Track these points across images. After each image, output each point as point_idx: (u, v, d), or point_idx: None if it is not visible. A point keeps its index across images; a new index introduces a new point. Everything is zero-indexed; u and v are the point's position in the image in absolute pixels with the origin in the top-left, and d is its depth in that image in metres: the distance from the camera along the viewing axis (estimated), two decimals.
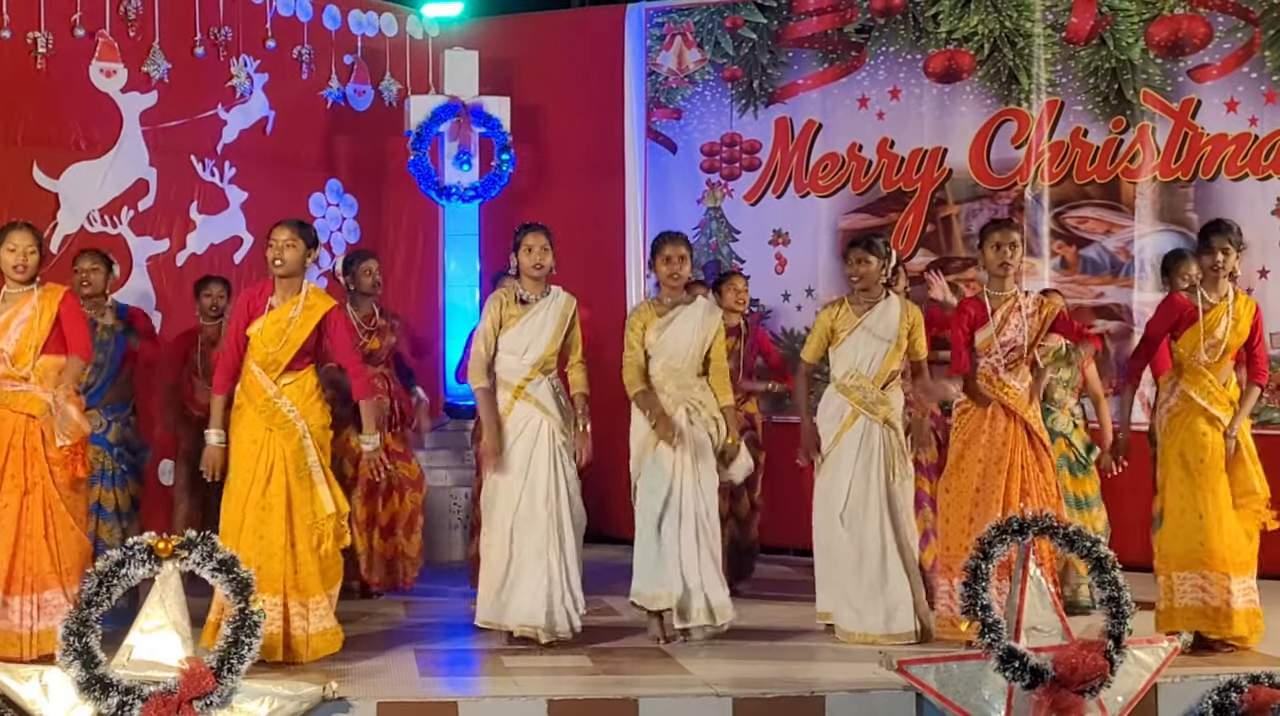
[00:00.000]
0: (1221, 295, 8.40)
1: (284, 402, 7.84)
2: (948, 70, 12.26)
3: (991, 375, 8.31)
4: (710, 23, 13.09)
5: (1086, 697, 6.77)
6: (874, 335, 8.67)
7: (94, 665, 6.32)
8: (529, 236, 8.50)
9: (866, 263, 8.71)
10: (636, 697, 7.08)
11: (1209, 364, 8.34)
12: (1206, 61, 11.48)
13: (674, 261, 8.67)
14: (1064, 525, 7.07)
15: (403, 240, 13.45)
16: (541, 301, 8.49)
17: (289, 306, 7.91)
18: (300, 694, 6.63)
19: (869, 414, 8.61)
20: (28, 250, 7.89)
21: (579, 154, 13.53)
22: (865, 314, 8.72)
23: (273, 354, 7.84)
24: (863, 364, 8.66)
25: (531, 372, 8.41)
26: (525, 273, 8.51)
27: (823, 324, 8.84)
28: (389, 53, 13.21)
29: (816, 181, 12.70)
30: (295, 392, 7.89)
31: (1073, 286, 11.76)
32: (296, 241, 7.91)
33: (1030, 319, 8.33)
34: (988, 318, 8.32)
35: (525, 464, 8.36)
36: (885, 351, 8.64)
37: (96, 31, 11.16)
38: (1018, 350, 8.31)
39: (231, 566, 6.53)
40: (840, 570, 8.66)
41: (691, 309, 8.68)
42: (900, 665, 6.87)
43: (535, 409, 8.39)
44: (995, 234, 8.35)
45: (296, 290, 7.97)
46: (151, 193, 11.51)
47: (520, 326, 8.42)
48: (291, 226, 7.99)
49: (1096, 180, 11.79)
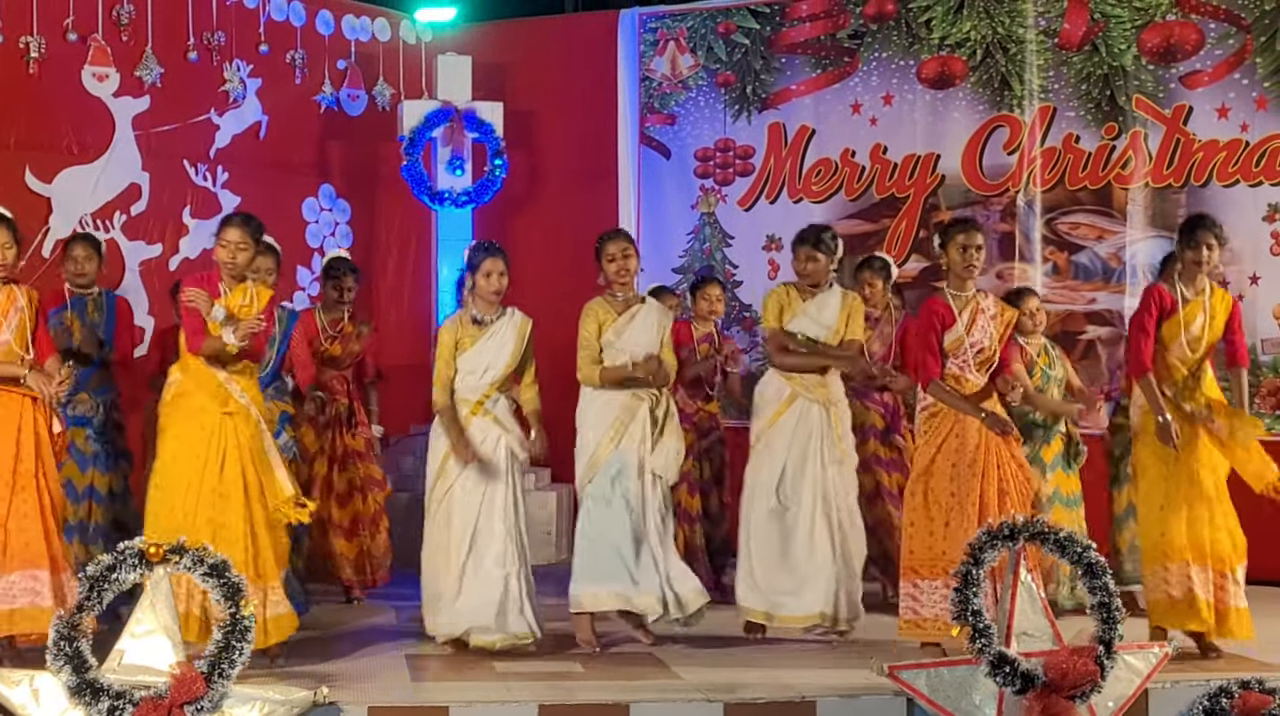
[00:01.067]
0: (1199, 290, 8.35)
1: (234, 388, 7.85)
2: (940, 76, 12.28)
3: (960, 375, 8.27)
4: (703, 28, 13.11)
5: (1077, 703, 6.76)
6: (815, 322, 8.73)
7: (85, 669, 6.30)
8: (488, 261, 8.46)
9: (815, 259, 8.77)
10: (628, 703, 7.08)
11: (1184, 359, 8.30)
12: (1198, 68, 11.50)
13: (619, 258, 8.67)
14: (1055, 530, 7.05)
15: (395, 245, 13.46)
16: (499, 322, 8.51)
17: (237, 294, 7.91)
18: (291, 699, 6.61)
19: (807, 394, 8.66)
20: (4, 245, 7.87)
21: (572, 159, 13.54)
22: (809, 301, 8.78)
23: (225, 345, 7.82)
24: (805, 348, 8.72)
25: (489, 391, 8.46)
26: (482, 295, 8.49)
27: (774, 301, 8.86)
28: (382, 58, 13.22)
29: (810, 187, 12.71)
30: (243, 380, 7.91)
31: (1065, 292, 11.79)
32: (248, 243, 7.91)
33: (994, 321, 8.30)
34: (955, 318, 8.29)
35: (483, 478, 8.38)
36: (826, 337, 8.72)
37: (89, 36, 11.15)
38: (985, 352, 8.27)
39: (223, 570, 6.52)
40: (764, 550, 8.69)
41: (648, 309, 8.72)
42: (891, 670, 6.85)
43: (493, 424, 8.45)
44: (960, 235, 8.26)
45: (242, 281, 7.99)
46: (144, 197, 11.51)
47: (479, 347, 8.45)
48: (240, 225, 7.94)
49: (1088, 186, 11.81)
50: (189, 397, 7.85)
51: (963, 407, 8.21)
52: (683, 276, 12.99)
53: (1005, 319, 8.37)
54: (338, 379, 10.22)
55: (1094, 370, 11.57)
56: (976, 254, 8.27)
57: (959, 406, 8.22)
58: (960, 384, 8.26)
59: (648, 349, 8.60)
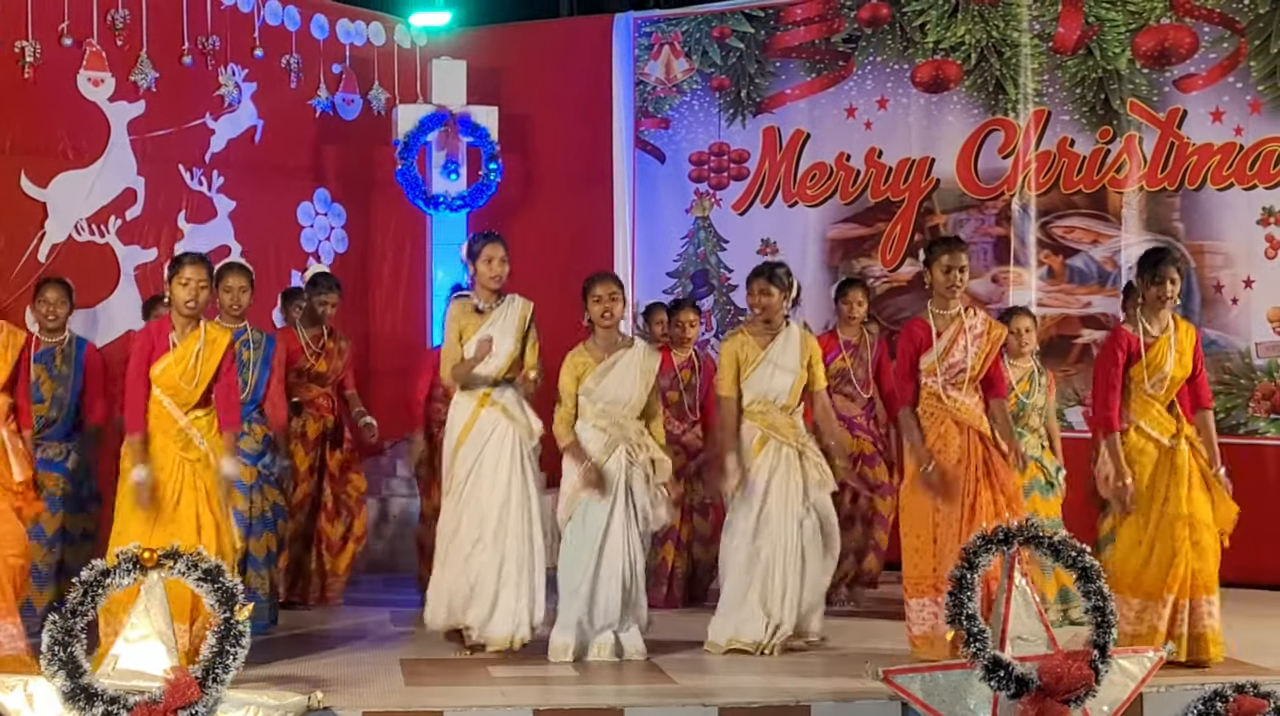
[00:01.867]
0: (1163, 327, 8.22)
1: (194, 434, 7.77)
2: (935, 80, 12.29)
3: (940, 393, 8.22)
4: (698, 32, 13.12)
5: (1071, 707, 6.77)
6: (779, 367, 8.62)
7: (79, 674, 6.30)
8: (489, 247, 8.45)
9: (769, 294, 8.65)
10: (622, 707, 7.08)
11: (1154, 395, 8.20)
12: (1193, 71, 11.51)
13: (605, 300, 8.50)
14: (1050, 535, 7.06)
15: (390, 249, 13.45)
16: (499, 309, 8.48)
17: (192, 341, 7.80)
18: (285, 703, 6.60)
19: (778, 436, 8.58)
20: None
21: (567, 163, 13.54)
22: (769, 346, 8.66)
23: (182, 391, 7.75)
24: (772, 395, 8.62)
25: (496, 380, 8.43)
26: (483, 283, 8.47)
27: (729, 356, 8.68)
28: (377, 62, 13.22)
29: (804, 191, 12.73)
30: (204, 426, 7.81)
31: (1060, 296, 11.80)
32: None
33: (979, 340, 8.25)
34: (933, 341, 8.25)
35: (494, 471, 8.36)
36: (791, 383, 8.61)
37: (84, 40, 11.14)
38: (963, 372, 8.22)
39: (217, 576, 6.52)
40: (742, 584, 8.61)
41: (631, 353, 8.52)
42: (886, 674, 6.86)
43: (501, 415, 8.40)
44: (945, 256, 8.22)
45: (196, 325, 7.86)
46: (139, 202, 11.50)
47: (482, 333, 8.40)
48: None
49: (1083, 190, 11.82)
50: (150, 440, 7.74)
51: (916, 447, 8.21)
52: (677, 280, 13.00)
53: (993, 337, 8.30)
54: (323, 396, 10.24)
55: (1088, 374, 11.53)
56: (960, 275, 8.22)
57: (913, 442, 8.24)
58: (941, 402, 8.22)
59: (626, 399, 8.45)
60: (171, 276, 7.83)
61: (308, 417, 10.13)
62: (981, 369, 8.26)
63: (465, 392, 8.46)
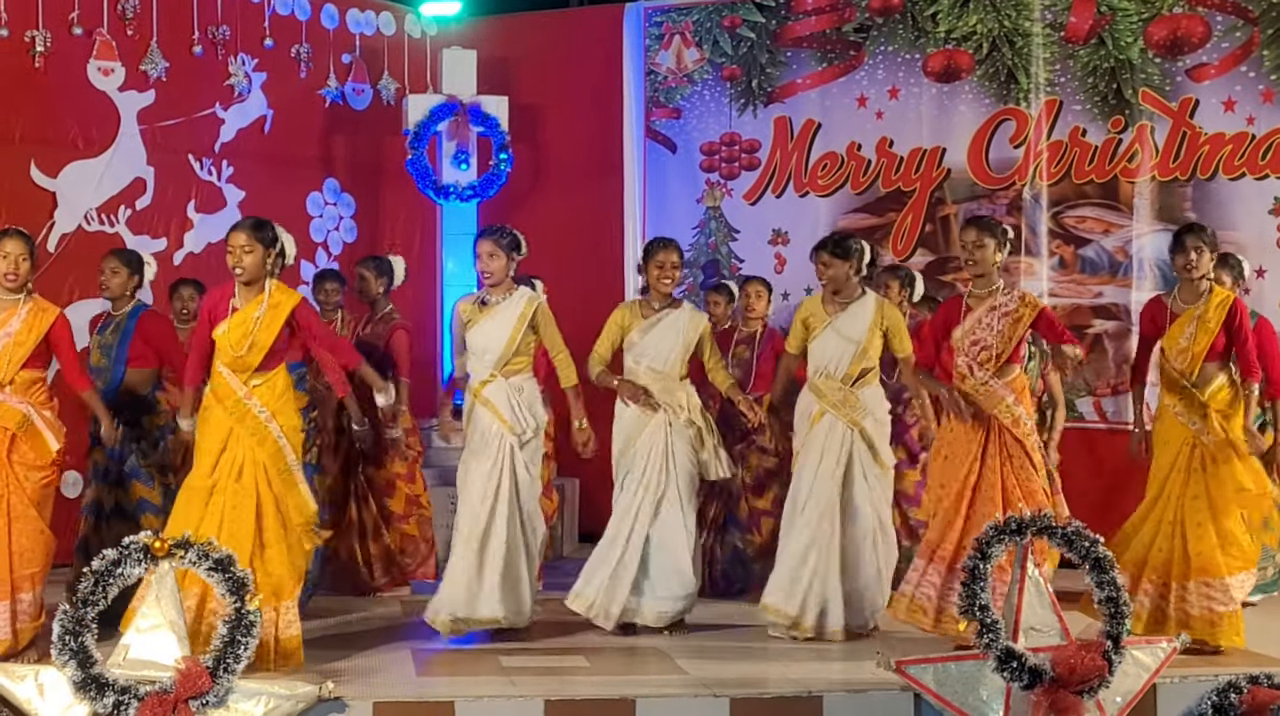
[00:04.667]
0: (1188, 300, 8.30)
1: (254, 404, 7.65)
2: (946, 70, 12.26)
3: (965, 372, 8.24)
4: (709, 22, 13.09)
5: (1085, 698, 6.76)
6: (841, 336, 8.66)
7: (90, 664, 6.31)
8: (478, 243, 8.60)
9: (829, 265, 8.71)
10: (634, 697, 7.06)
11: (1182, 372, 8.23)
12: (1205, 61, 11.48)
13: (666, 267, 8.72)
14: (1063, 525, 7.05)
15: (400, 240, 13.43)
16: (501, 303, 8.54)
17: (253, 307, 7.70)
18: (296, 693, 6.61)
19: (835, 412, 8.61)
20: (20, 257, 7.73)
21: (577, 153, 13.52)
22: (837, 314, 8.71)
23: (241, 357, 7.65)
24: (830, 364, 8.67)
25: (491, 375, 8.48)
26: (481, 278, 8.63)
27: (800, 315, 8.85)
28: (387, 52, 13.21)
29: (816, 181, 12.70)
30: (266, 393, 7.69)
31: (1071, 286, 11.77)
32: (254, 245, 7.73)
33: (1004, 318, 8.25)
34: (960, 317, 8.29)
35: (489, 466, 8.44)
36: (852, 353, 8.63)
37: (94, 30, 11.16)
38: (987, 349, 8.22)
39: (228, 565, 6.52)
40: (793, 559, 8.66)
41: (677, 314, 8.76)
42: (898, 665, 6.86)
43: (489, 412, 8.46)
44: (960, 234, 8.36)
45: (260, 290, 7.75)
46: (149, 191, 11.52)
47: (479, 328, 8.51)
48: (247, 229, 7.73)
49: (1095, 180, 11.79)
50: (209, 411, 7.70)
51: (930, 387, 8.61)
52: (688, 270, 12.97)
53: (1023, 317, 8.26)
54: None
55: (1100, 364, 11.58)
56: (978, 252, 8.22)
57: (927, 385, 8.63)
58: (963, 381, 8.23)
59: (668, 354, 8.66)
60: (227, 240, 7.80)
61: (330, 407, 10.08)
62: (1005, 348, 8.24)
63: (469, 389, 8.58)
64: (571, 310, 8.92)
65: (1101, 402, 11.57)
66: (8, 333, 7.69)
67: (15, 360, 7.69)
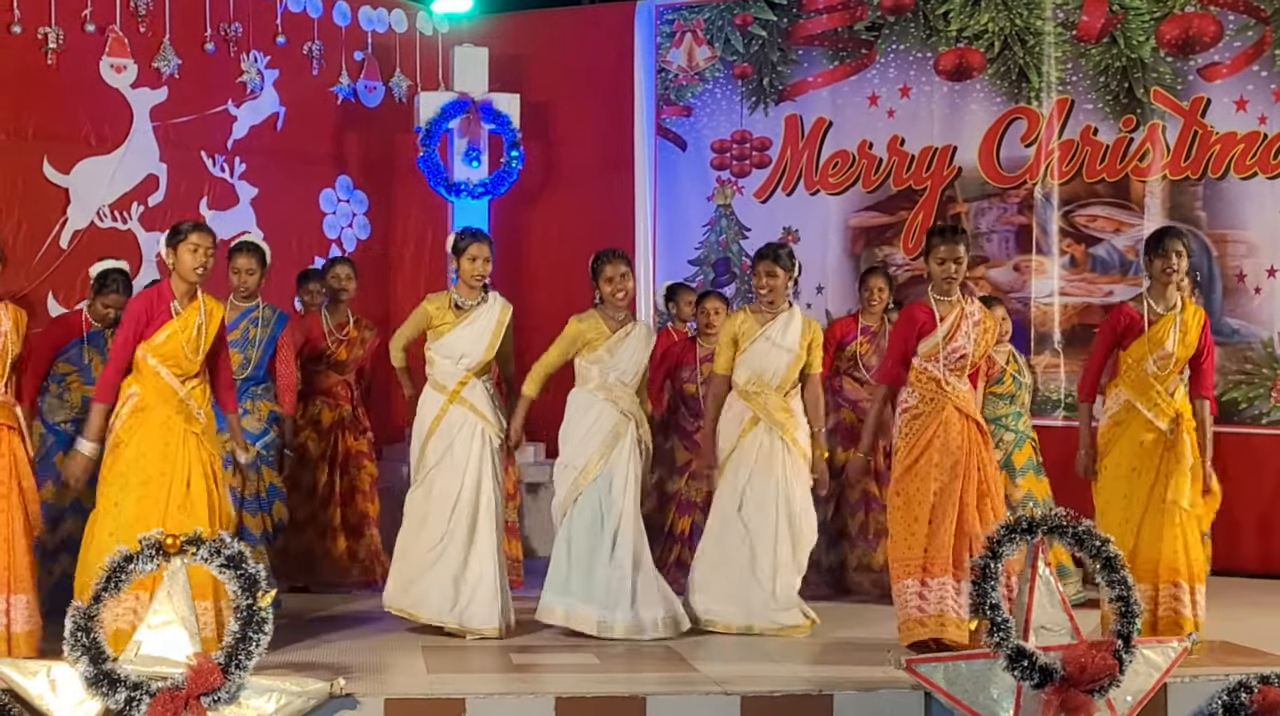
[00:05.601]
0: (1170, 305, 8.16)
1: (193, 404, 7.61)
2: (958, 68, 12.25)
3: (940, 379, 8.19)
4: (720, 20, 13.08)
5: (1095, 697, 6.77)
6: (776, 345, 8.71)
7: (102, 660, 6.33)
8: (474, 246, 8.61)
9: (774, 275, 8.74)
10: (644, 695, 7.06)
11: (1156, 375, 8.14)
12: (1217, 60, 11.47)
13: (616, 280, 8.67)
14: (1074, 524, 7.05)
15: (412, 237, 13.45)
16: (479, 308, 8.61)
17: (192, 312, 7.64)
18: (308, 690, 6.63)
19: (769, 419, 8.66)
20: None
21: (589, 151, 13.52)
22: (769, 324, 8.75)
23: (184, 361, 7.59)
24: (765, 373, 8.72)
25: (466, 377, 8.54)
26: (465, 280, 8.62)
27: (728, 333, 8.84)
28: (399, 49, 13.22)
29: (827, 179, 12.69)
30: (200, 397, 7.66)
31: (1082, 284, 11.76)
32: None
33: (977, 328, 8.21)
34: (936, 324, 8.23)
35: (464, 465, 8.48)
36: (788, 362, 8.70)
37: (107, 27, 11.17)
38: (966, 358, 8.21)
39: (240, 562, 6.53)
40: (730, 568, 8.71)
41: (638, 329, 8.75)
42: (909, 663, 6.87)
43: (470, 412, 8.52)
44: (941, 248, 8.18)
45: (194, 296, 7.69)
46: (162, 188, 11.53)
47: (456, 333, 8.55)
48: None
49: (1106, 179, 11.78)
50: (151, 412, 7.55)
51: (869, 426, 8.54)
52: (699, 268, 12.98)
53: (990, 326, 8.32)
54: (341, 384, 10.25)
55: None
56: (955, 267, 8.18)
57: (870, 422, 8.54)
58: (941, 388, 8.19)
59: (639, 366, 8.66)
60: (179, 243, 7.61)
61: (323, 405, 10.16)
62: (980, 357, 8.32)
63: (435, 387, 8.60)
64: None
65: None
66: (1, 332, 7.58)
67: (8, 362, 7.55)
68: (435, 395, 8.60)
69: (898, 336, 8.39)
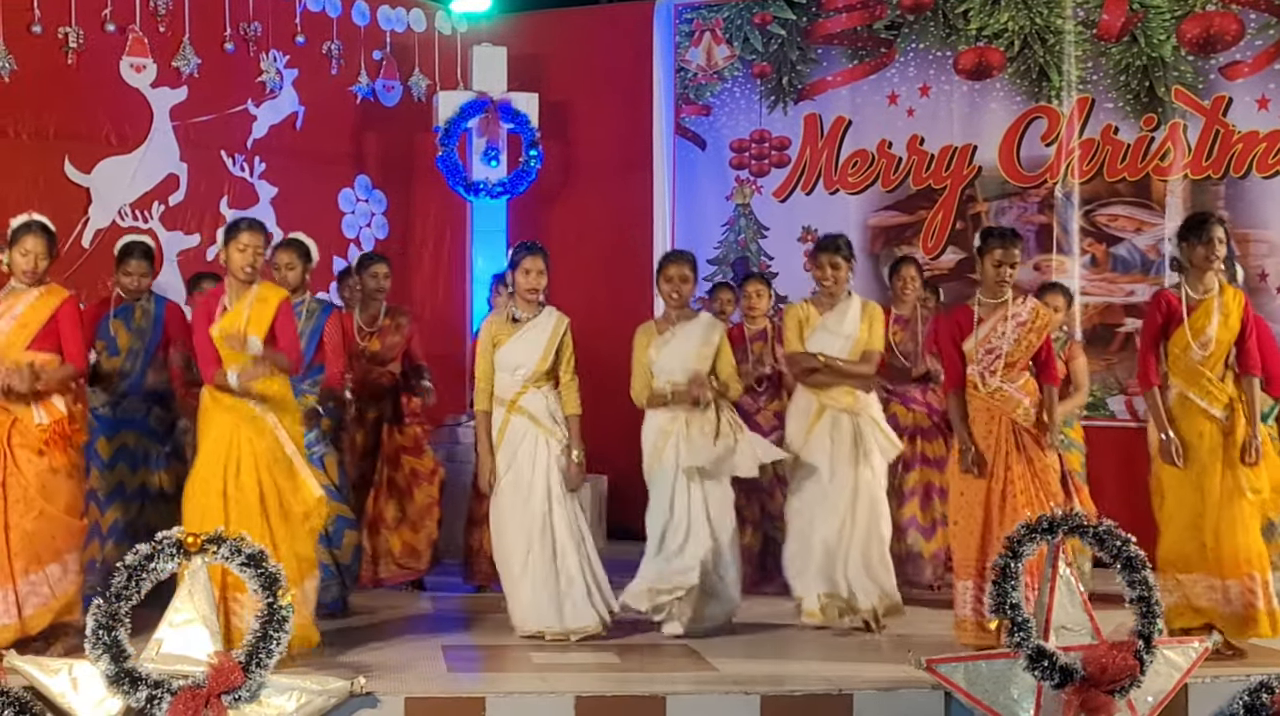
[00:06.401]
0: (1207, 289, 8.12)
1: (250, 398, 7.67)
2: (978, 67, 12.23)
3: (977, 380, 8.20)
4: (739, 19, 13.07)
5: (1116, 697, 6.76)
6: (834, 334, 8.77)
7: (123, 658, 6.34)
8: (528, 259, 8.58)
9: (838, 267, 8.82)
10: (664, 695, 7.06)
11: (1204, 361, 8.12)
12: (1238, 58, 11.45)
13: (675, 281, 8.74)
14: (1094, 524, 7.04)
15: (431, 236, 13.47)
16: (534, 320, 8.58)
17: (242, 303, 7.74)
18: (328, 688, 6.64)
19: (835, 405, 8.71)
20: (40, 255, 7.71)
21: (607, 150, 13.52)
22: (827, 314, 8.82)
23: (233, 352, 7.67)
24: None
25: (524, 388, 8.52)
26: (520, 293, 8.59)
27: (793, 318, 8.91)
28: (417, 48, 13.23)
29: (846, 178, 12.68)
30: (262, 387, 7.68)
31: (1103, 284, 11.74)
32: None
33: (1020, 327, 8.21)
34: (973, 327, 8.24)
35: (529, 475, 8.48)
36: (848, 349, 8.74)
37: (127, 27, 11.20)
38: (999, 357, 8.19)
39: (260, 560, 6.55)
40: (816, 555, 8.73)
41: (693, 326, 8.75)
42: (929, 663, 6.86)
43: (528, 421, 8.51)
44: (998, 250, 8.20)
45: (248, 289, 7.79)
46: (182, 188, 11.55)
47: (511, 344, 8.54)
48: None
49: (1127, 178, 11.76)
50: (209, 408, 7.71)
51: (958, 430, 8.33)
52: (718, 267, 12.97)
53: (1038, 325, 8.25)
54: (385, 376, 10.19)
55: (1132, 363, 11.50)
56: (1011, 270, 8.22)
57: (955, 422, 8.38)
58: (975, 389, 8.19)
59: (684, 365, 8.63)
60: (229, 241, 7.77)
61: (368, 400, 10.08)
62: (1023, 356, 8.23)
63: (496, 402, 8.58)
64: (600, 307, 8.94)
65: (1133, 401, 11.51)
66: (13, 315, 7.68)
67: (18, 342, 7.64)
68: (496, 409, 8.59)
69: (942, 342, 8.50)
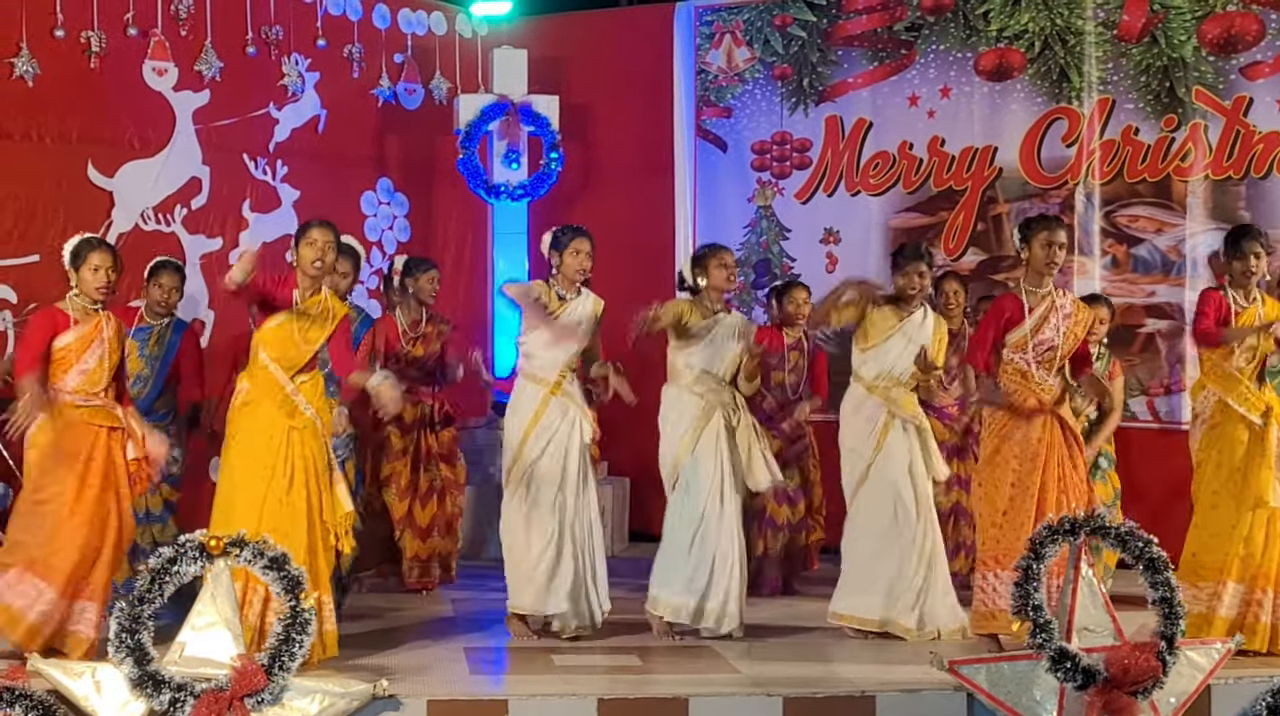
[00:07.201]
0: (1251, 300, 8.25)
1: (301, 400, 7.70)
2: (998, 68, 12.22)
3: (1027, 370, 8.23)
4: (760, 21, 13.07)
5: (1139, 699, 6.75)
6: (911, 340, 8.74)
7: (146, 662, 6.36)
8: (577, 239, 8.59)
9: (924, 276, 8.86)
10: (686, 697, 7.08)
11: (1242, 369, 8.17)
12: (1259, 59, 11.42)
13: (730, 267, 8.77)
14: (1116, 526, 7.03)
15: (452, 239, 13.47)
16: (577, 300, 8.60)
17: (312, 305, 7.79)
18: (351, 691, 6.65)
19: (898, 410, 8.70)
20: (109, 269, 7.76)
21: (628, 153, 13.52)
22: (905, 320, 8.79)
23: (291, 353, 7.71)
24: (896, 367, 8.75)
25: (564, 371, 8.53)
26: (568, 274, 8.58)
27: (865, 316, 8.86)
28: (438, 51, 13.24)
29: (867, 180, 12.67)
30: (310, 392, 7.74)
31: (1124, 285, 11.72)
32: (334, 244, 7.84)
33: (1068, 320, 8.25)
34: (1024, 316, 8.25)
35: (563, 457, 8.48)
36: (912, 357, 8.68)
37: (149, 30, 11.20)
38: (1054, 350, 8.22)
39: (283, 563, 6.56)
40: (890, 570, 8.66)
41: (731, 321, 8.77)
42: (951, 665, 6.85)
43: (570, 403, 8.52)
44: (1044, 232, 8.23)
45: (318, 291, 7.86)
46: (204, 191, 11.57)
47: (560, 323, 8.51)
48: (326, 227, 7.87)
49: (1148, 179, 11.73)
50: (256, 407, 7.68)
51: (985, 398, 8.36)
52: (739, 270, 12.93)
53: (1081, 319, 8.32)
54: (423, 380, 10.24)
55: (1153, 364, 11.53)
56: (1059, 251, 8.26)
57: (984, 396, 8.37)
58: (1026, 380, 8.21)
59: (725, 359, 8.65)
60: (300, 238, 7.84)
61: (406, 402, 10.08)
62: (1070, 350, 8.27)
63: (533, 381, 8.53)
64: (620, 308, 8.89)
65: (1154, 402, 11.50)
66: (101, 341, 7.75)
67: (111, 367, 7.78)
68: (533, 388, 8.56)
69: (985, 324, 8.47)
